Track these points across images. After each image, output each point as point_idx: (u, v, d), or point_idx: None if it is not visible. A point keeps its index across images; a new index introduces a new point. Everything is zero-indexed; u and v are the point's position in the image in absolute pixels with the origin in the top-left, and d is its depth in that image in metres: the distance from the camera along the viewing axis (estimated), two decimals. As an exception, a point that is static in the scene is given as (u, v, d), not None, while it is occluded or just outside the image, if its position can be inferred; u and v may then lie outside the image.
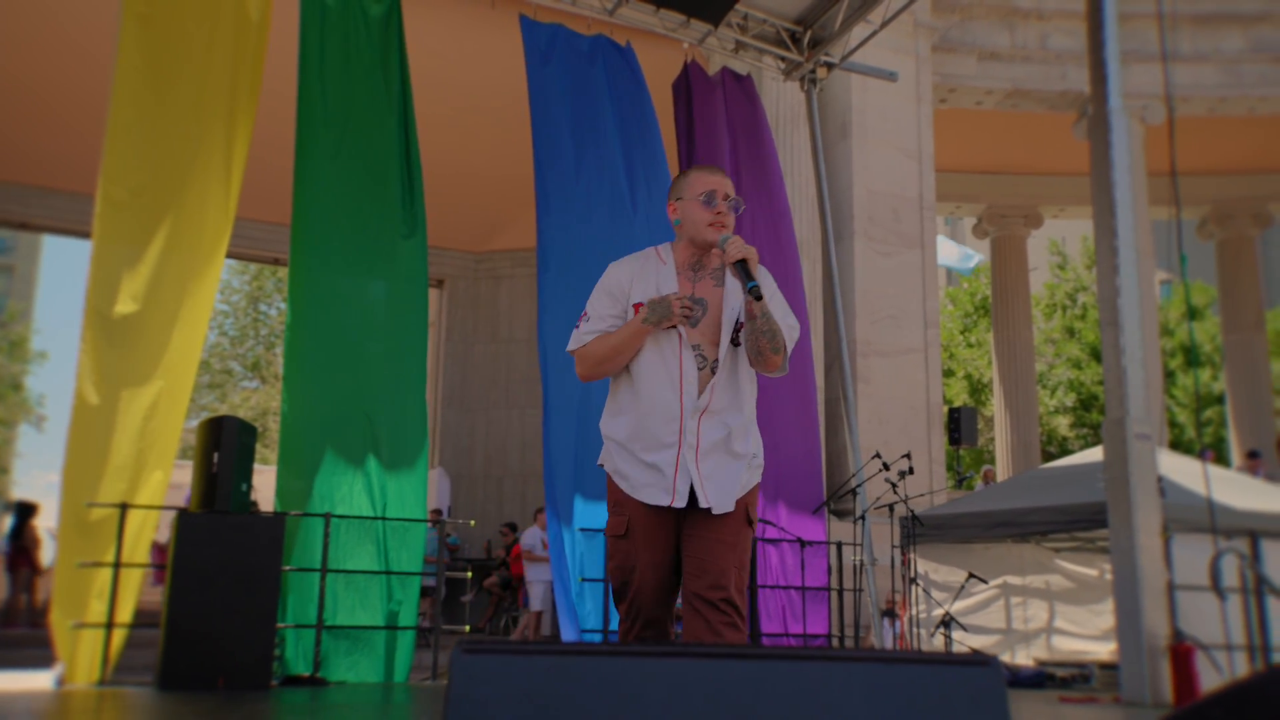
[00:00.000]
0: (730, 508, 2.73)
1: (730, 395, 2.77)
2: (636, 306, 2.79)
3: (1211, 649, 5.84)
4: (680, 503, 2.70)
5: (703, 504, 2.71)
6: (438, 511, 13.61)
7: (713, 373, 2.76)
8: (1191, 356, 25.46)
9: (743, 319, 2.77)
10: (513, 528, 13.54)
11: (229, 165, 6.65)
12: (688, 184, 2.88)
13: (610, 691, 1.05)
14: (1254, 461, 12.33)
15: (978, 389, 28.86)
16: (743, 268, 2.68)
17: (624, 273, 2.87)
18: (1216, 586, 5.48)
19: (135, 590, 6.17)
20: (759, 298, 2.64)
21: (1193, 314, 32.19)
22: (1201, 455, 13.55)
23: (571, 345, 2.87)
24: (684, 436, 2.71)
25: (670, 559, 2.77)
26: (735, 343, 2.79)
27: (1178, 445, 27.53)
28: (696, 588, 2.69)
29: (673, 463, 2.71)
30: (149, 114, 6.36)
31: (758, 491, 2.86)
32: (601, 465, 2.89)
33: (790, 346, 2.84)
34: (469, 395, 15.65)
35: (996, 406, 18.06)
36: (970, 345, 29.61)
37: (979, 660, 1.05)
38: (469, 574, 9.54)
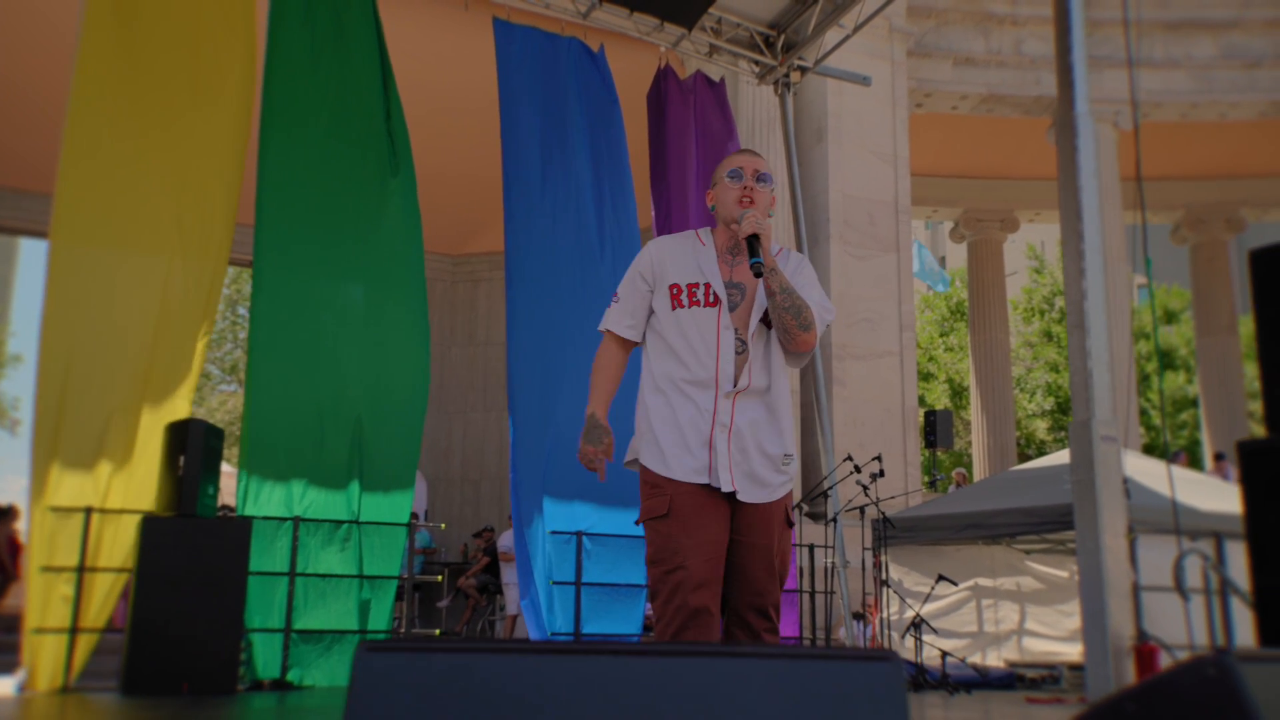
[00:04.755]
0: (761, 498, 2.66)
1: (765, 378, 2.72)
2: (674, 287, 2.75)
3: (1175, 649, 5.88)
4: (719, 484, 2.62)
5: (726, 488, 2.62)
6: (414, 515, 13.56)
7: (748, 356, 2.72)
8: (1158, 360, 25.67)
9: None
10: (490, 530, 13.50)
11: (225, 158, 6.55)
12: (720, 167, 2.86)
13: (512, 689, 1.05)
14: (1222, 464, 12.44)
15: (959, 392, 29.00)
16: (751, 243, 2.65)
17: (659, 252, 2.83)
18: (1179, 587, 5.53)
19: (113, 596, 6.09)
20: (759, 274, 2.62)
21: (1170, 318, 32.49)
22: (1173, 458, 13.65)
23: (601, 325, 2.86)
24: (717, 415, 2.65)
25: (721, 544, 2.62)
26: (766, 324, 2.75)
27: (1154, 448, 27.74)
28: (742, 597, 2.64)
29: (707, 442, 2.64)
30: (117, 98, 6.25)
31: (791, 494, 2.80)
32: (631, 461, 2.79)
33: (822, 329, 2.77)
34: (446, 398, 15.59)
35: (973, 409, 18.15)
36: (949, 349, 29.76)
37: (880, 655, 1.06)
38: (440, 578, 9.50)
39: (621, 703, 1.05)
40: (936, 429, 13.82)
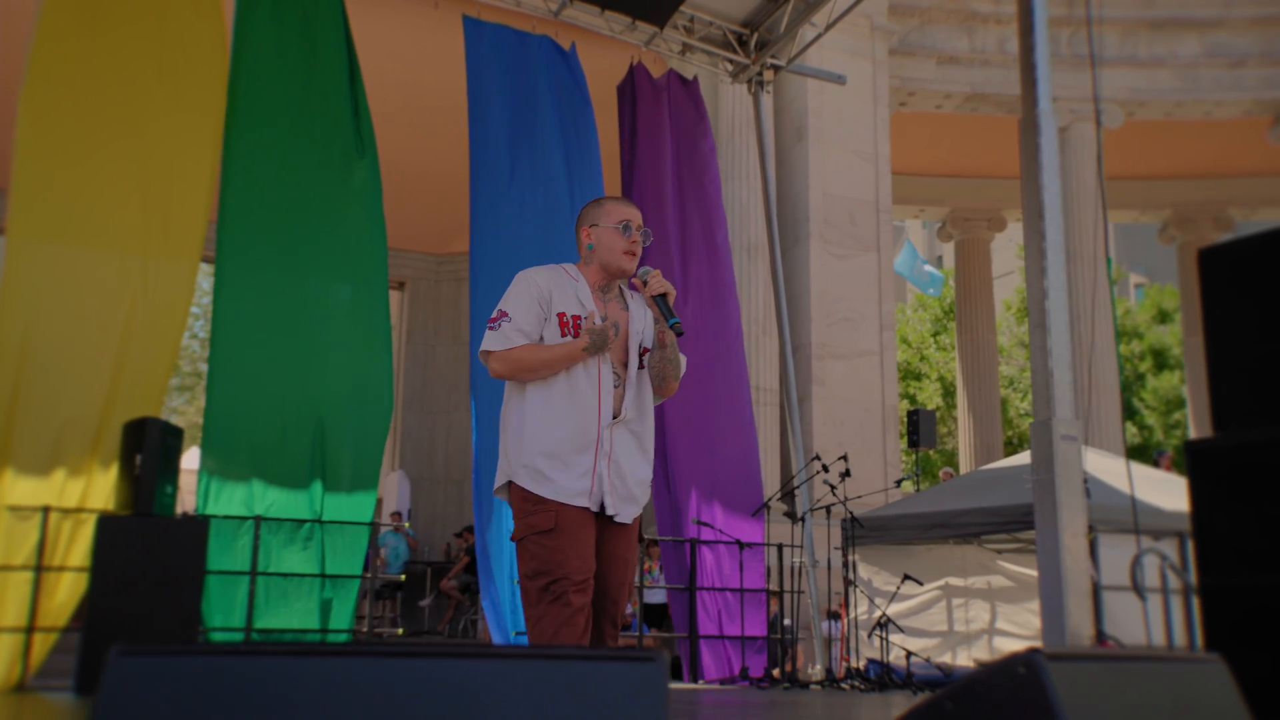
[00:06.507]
0: (631, 516, 2.93)
1: (637, 411, 2.96)
2: (561, 315, 2.89)
3: (1135, 648, 5.87)
4: (596, 506, 2.85)
5: (609, 510, 2.87)
6: (398, 514, 13.57)
7: (624, 390, 2.94)
8: (1119, 361, 25.72)
9: (647, 344, 2.99)
10: (471, 530, 13.48)
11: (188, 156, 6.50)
12: (604, 212, 3.01)
13: (269, 691, 1.04)
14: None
15: (950, 391, 28.99)
16: (662, 303, 2.88)
17: (545, 281, 2.94)
18: (1136, 587, 5.52)
19: (75, 595, 6.07)
20: (681, 334, 2.87)
21: (1164, 317, 32.50)
22: (1157, 458, 13.62)
23: (495, 345, 2.88)
24: (600, 444, 2.86)
25: (593, 559, 2.83)
26: (641, 366, 2.98)
27: (1146, 448, 27.74)
28: (600, 606, 2.86)
29: (590, 469, 2.85)
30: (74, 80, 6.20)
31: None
32: (507, 481, 2.90)
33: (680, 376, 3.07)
34: (430, 398, 15.60)
35: (960, 408, 18.14)
36: (941, 348, 29.77)
37: (643, 656, 1.05)
38: (403, 577, 9.50)
39: (379, 704, 1.03)
40: (919, 429, 13.79)
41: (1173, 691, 1.35)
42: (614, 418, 2.89)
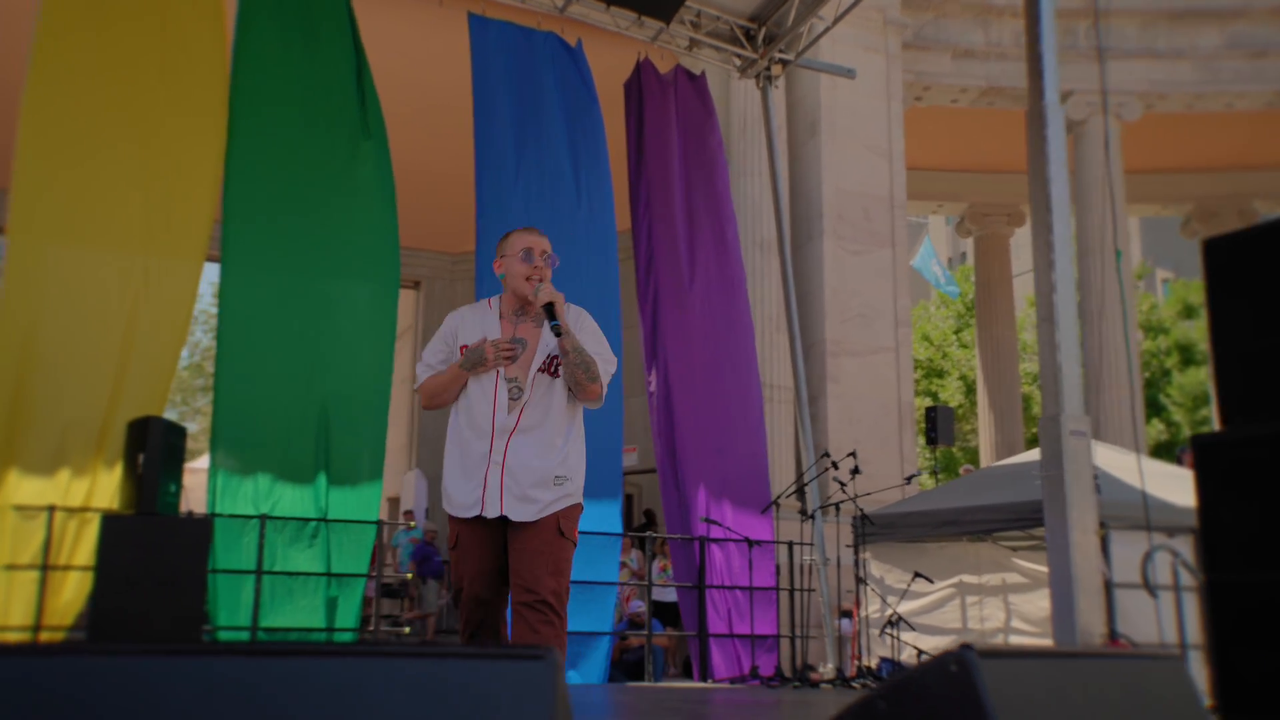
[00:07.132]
0: (530, 517, 3.07)
1: (539, 416, 3.14)
2: (464, 347, 3.21)
3: (1147, 647, 5.76)
4: (489, 513, 3.06)
5: (500, 513, 3.07)
6: (409, 513, 13.57)
7: (523, 399, 3.15)
8: (1128, 357, 25.37)
9: (559, 355, 3.16)
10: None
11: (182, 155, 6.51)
12: (509, 244, 3.30)
13: (131, 693, 1.00)
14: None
15: (972, 389, 28.75)
16: (548, 309, 3.09)
17: (456, 320, 3.32)
18: (1147, 584, 5.41)
19: (81, 594, 6.11)
20: (559, 334, 3.06)
21: (1190, 312, 32.08)
22: (1180, 455, 13.43)
23: (416, 383, 3.34)
24: (492, 455, 3.09)
25: (495, 569, 3.13)
26: (553, 374, 3.18)
27: (1173, 444, 27.39)
28: (517, 594, 3.06)
29: (482, 479, 3.09)
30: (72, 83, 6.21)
31: (576, 512, 3.19)
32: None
33: (607, 379, 3.21)
34: (446, 397, 15.60)
35: (980, 406, 17.96)
36: (963, 346, 29.52)
37: (531, 654, 1.01)
38: (410, 576, 9.51)
39: (249, 704, 1.00)
40: (938, 426, 13.62)
41: (1122, 688, 1.29)
42: (508, 422, 3.11)
